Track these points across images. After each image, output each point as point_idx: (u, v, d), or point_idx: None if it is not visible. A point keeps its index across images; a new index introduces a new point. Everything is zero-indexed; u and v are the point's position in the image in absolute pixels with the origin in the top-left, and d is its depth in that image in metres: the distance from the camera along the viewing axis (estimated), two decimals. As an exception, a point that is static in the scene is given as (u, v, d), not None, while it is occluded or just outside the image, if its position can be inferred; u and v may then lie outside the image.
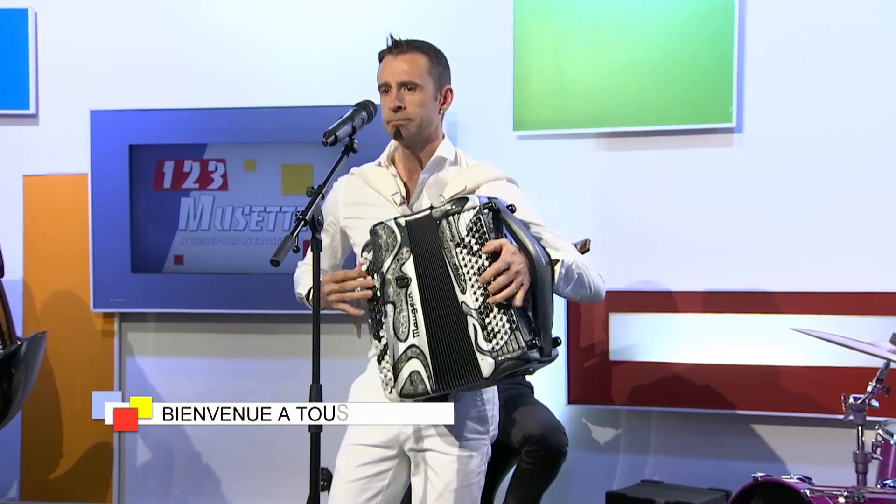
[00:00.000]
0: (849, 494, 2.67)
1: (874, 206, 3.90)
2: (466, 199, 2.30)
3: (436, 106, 2.51)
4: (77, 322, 4.48)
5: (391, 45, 2.50)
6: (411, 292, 2.34)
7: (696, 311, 4.03)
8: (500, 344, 2.24)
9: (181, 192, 4.35)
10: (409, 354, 2.34)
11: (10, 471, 4.54)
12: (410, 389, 2.34)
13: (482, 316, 2.26)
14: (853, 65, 3.92)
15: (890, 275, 3.85)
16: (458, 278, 2.29)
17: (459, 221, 2.29)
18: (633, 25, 4.08)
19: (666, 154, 4.12)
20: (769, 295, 3.95)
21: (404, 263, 2.35)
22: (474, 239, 2.27)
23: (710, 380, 3.98)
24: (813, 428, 3.92)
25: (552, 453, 3.55)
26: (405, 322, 2.35)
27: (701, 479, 3.94)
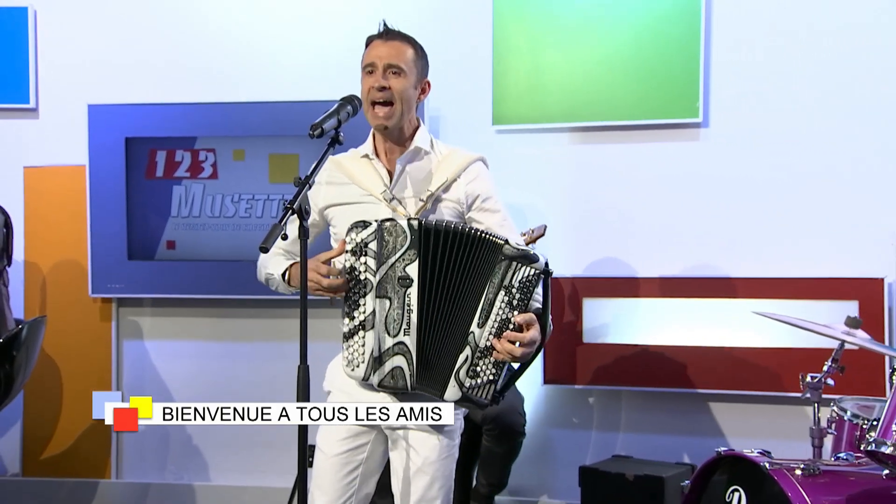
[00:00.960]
0: (805, 467, 2.67)
1: (830, 198, 3.93)
2: (537, 257, 2.30)
3: (415, 95, 2.52)
4: (76, 306, 4.46)
5: (382, 31, 2.51)
6: (410, 293, 2.35)
7: (664, 296, 4.05)
8: (475, 386, 2.32)
9: (173, 180, 4.33)
10: (396, 350, 2.36)
11: (12, 448, 4.53)
12: (390, 383, 2.37)
13: (479, 356, 2.31)
14: (814, 65, 3.95)
15: (845, 262, 3.88)
16: (484, 312, 2.31)
17: (520, 271, 2.29)
18: (606, 25, 4.09)
19: (636, 147, 4.13)
20: (733, 281, 3.97)
21: (409, 264, 2.35)
22: (520, 293, 2.29)
23: (678, 361, 4.00)
24: (772, 405, 3.95)
25: (507, 432, 3.60)
26: (397, 319, 2.36)
27: (668, 454, 3.98)
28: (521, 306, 2.29)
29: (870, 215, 3.89)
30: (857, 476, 2.78)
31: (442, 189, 2.50)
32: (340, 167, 2.56)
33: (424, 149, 2.54)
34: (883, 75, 3.88)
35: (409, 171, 2.52)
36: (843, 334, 3.07)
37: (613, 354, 4.08)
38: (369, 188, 2.51)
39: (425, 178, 2.51)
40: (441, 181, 2.49)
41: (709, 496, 2.94)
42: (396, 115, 2.47)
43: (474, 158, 2.55)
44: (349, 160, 2.57)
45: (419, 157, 2.54)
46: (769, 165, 4.00)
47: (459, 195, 2.51)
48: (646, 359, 4.04)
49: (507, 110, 4.18)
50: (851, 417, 3.07)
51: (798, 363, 3.56)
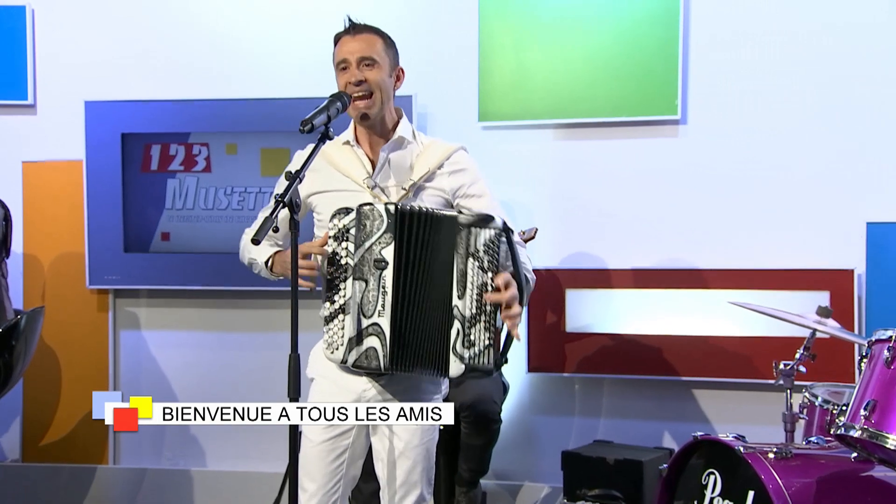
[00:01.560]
0: (778, 450, 2.70)
1: (803, 192, 3.95)
2: (492, 218, 2.30)
3: (391, 83, 2.52)
4: (74, 297, 4.45)
5: (348, 27, 2.50)
6: (385, 275, 2.33)
7: (644, 287, 4.06)
8: (475, 354, 2.28)
9: (167, 173, 4.33)
10: (370, 331, 2.34)
11: (12, 435, 4.52)
12: (364, 363, 2.35)
13: (469, 325, 2.28)
14: (788, 65, 3.96)
15: (816, 254, 3.90)
16: (460, 284, 2.29)
17: (480, 236, 2.28)
18: (588, 25, 4.09)
19: (617, 143, 4.14)
20: (710, 272, 3.98)
21: (385, 247, 2.33)
22: (487, 256, 2.27)
23: (657, 349, 4.02)
24: (747, 392, 3.97)
25: (481, 420, 3.58)
26: (372, 301, 2.34)
27: (647, 438, 4.00)
28: (493, 268, 2.28)
29: (840, 209, 3.91)
30: (828, 459, 2.81)
31: (425, 178, 2.49)
32: (324, 155, 2.54)
33: (407, 138, 2.53)
34: (853, 75, 3.90)
35: (391, 160, 2.52)
36: (815, 323, 3.10)
37: (595, 343, 4.09)
38: (352, 176, 2.50)
39: (408, 167, 2.51)
40: (423, 171, 2.49)
41: (686, 479, 2.96)
42: (377, 105, 2.47)
43: (455, 148, 2.55)
44: (333, 148, 2.55)
45: (402, 146, 2.53)
46: (744, 161, 4.01)
47: (443, 185, 2.50)
48: (626, 347, 4.05)
49: (493, 107, 4.18)
50: (822, 403, 3.10)
51: (771, 351, 3.59)
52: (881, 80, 3.89)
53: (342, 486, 2.50)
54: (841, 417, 2.64)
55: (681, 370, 4.00)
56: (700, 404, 4.07)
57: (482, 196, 2.51)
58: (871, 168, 3.90)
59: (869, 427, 2.51)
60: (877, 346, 2.63)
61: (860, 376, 2.66)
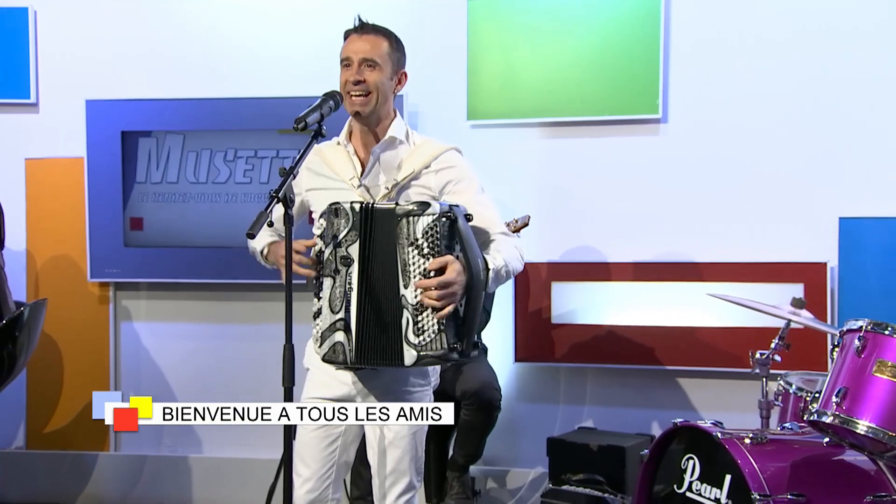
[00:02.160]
0: (753, 436, 2.71)
1: (778, 188, 3.97)
2: (429, 204, 2.26)
3: (391, 86, 2.50)
4: (75, 290, 4.44)
5: (358, 25, 2.49)
6: (351, 272, 2.32)
7: (626, 280, 4.06)
8: (427, 341, 2.24)
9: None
10: (337, 326, 2.33)
11: (16, 422, 4.52)
12: (332, 356, 2.35)
13: (417, 312, 2.25)
14: (763, 66, 3.98)
15: (791, 248, 3.92)
16: (405, 273, 2.26)
17: (418, 223, 2.24)
18: (573, 27, 4.10)
19: (601, 141, 4.14)
20: (689, 265, 4.00)
21: (350, 245, 2.32)
22: (427, 242, 2.24)
23: (638, 339, 4.03)
24: (724, 380, 3.99)
25: (485, 406, 3.59)
26: (340, 297, 2.32)
27: (629, 425, 4.01)
28: (434, 254, 2.24)
29: (814, 204, 3.92)
30: (801, 444, 2.83)
31: (410, 178, 2.47)
32: (320, 153, 2.55)
33: (399, 139, 2.51)
34: (827, 77, 3.92)
35: (382, 160, 2.50)
36: (789, 314, 3.12)
37: (580, 334, 4.10)
38: (341, 175, 2.50)
39: (396, 167, 2.50)
40: (409, 171, 2.47)
41: (666, 464, 2.98)
42: (372, 104, 2.45)
43: (447, 148, 2.52)
44: (328, 148, 2.56)
45: (393, 146, 2.51)
46: (722, 158, 4.02)
47: (430, 183, 2.48)
48: (609, 338, 4.06)
49: (481, 106, 4.19)
50: (796, 391, 3.12)
51: (748, 341, 3.59)
52: (854, 82, 3.91)
53: (335, 471, 2.51)
54: (814, 404, 2.67)
55: (661, 360, 4.01)
56: (679, 392, 4.08)
57: (466, 192, 2.47)
58: (843, 165, 3.92)
59: (840, 413, 2.55)
60: (848, 336, 2.66)
61: (832, 365, 2.70)
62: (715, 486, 2.74)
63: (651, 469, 3.00)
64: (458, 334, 2.28)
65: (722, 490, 2.70)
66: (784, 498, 2.55)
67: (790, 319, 3.11)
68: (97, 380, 4.46)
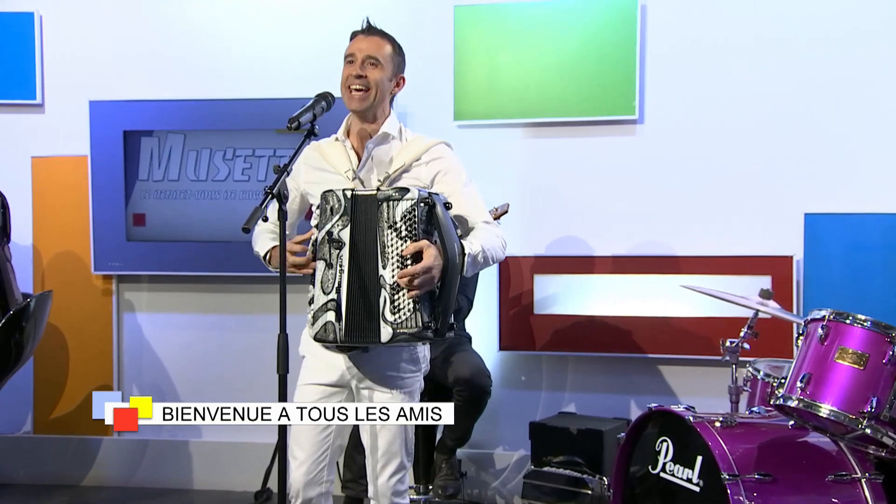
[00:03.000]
0: (723, 419, 2.73)
1: (748, 185, 3.98)
2: (408, 190, 2.28)
3: (390, 87, 2.53)
4: (80, 283, 4.42)
5: (365, 27, 2.53)
6: (342, 255, 2.33)
7: (604, 273, 4.07)
8: (402, 319, 2.26)
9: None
10: (328, 307, 2.33)
11: (24, 408, 4.50)
12: (323, 335, 2.36)
13: (393, 292, 2.26)
14: (734, 72, 3.99)
15: (759, 242, 3.93)
16: (383, 255, 2.28)
17: (397, 207, 2.27)
18: (554, 33, 4.09)
19: (581, 141, 4.14)
20: (664, 258, 4.00)
21: (342, 229, 2.33)
22: (405, 226, 2.26)
23: (616, 329, 4.03)
24: (696, 367, 3.99)
25: (477, 393, 3.57)
26: (331, 279, 2.34)
27: (607, 410, 4.02)
28: (412, 237, 2.26)
29: (781, 201, 3.93)
30: (768, 427, 2.84)
31: (401, 171, 2.49)
32: (318, 149, 2.57)
33: (392, 134, 2.53)
34: (793, 82, 3.94)
35: (375, 154, 2.52)
36: (758, 304, 3.12)
37: (560, 324, 4.10)
38: (338, 168, 2.52)
39: (388, 161, 2.51)
40: (400, 164, 2.49)
41: (641, 446, 2.99)
42: (370, 100, 2.47)
43: (437, 142, 2.54)
44: (326, 144, 2.58)
45: (386, 141, 2.53)
46: (696, 157, 4.03)
47: (421, 174, 2.50)
48: (588, 327, 4.06)
49: (467, 107, 4.18)
50: (764, 377, 3.14)
51: (719, 330, 3.59)
52: (818, 87, 3.92)
53: (329, 454, 2.51)
54: (780, 389, 2.69)
55: (637, 348, 4.02)
56: (654, 379, 4.09)
57: (453, 183, 2.49)
58: (808, 165, 3.94)
59: (804, 398, 2.57)
60: (812, 325, 2.68)
61: (797, 352, 2.71)
62: (687, 467, 2.75)
63: (627, 451, 3.01)
64: (433, 314, 2.30)
65: (693, 471, 2.71)
66: (751, 477, 2.57)
67: (758, 310, 3.12)
68: (101, 368, 4.45)
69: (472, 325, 4.02)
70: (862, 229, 3.84)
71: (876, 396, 2.48)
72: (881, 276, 3.81)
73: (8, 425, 4.52)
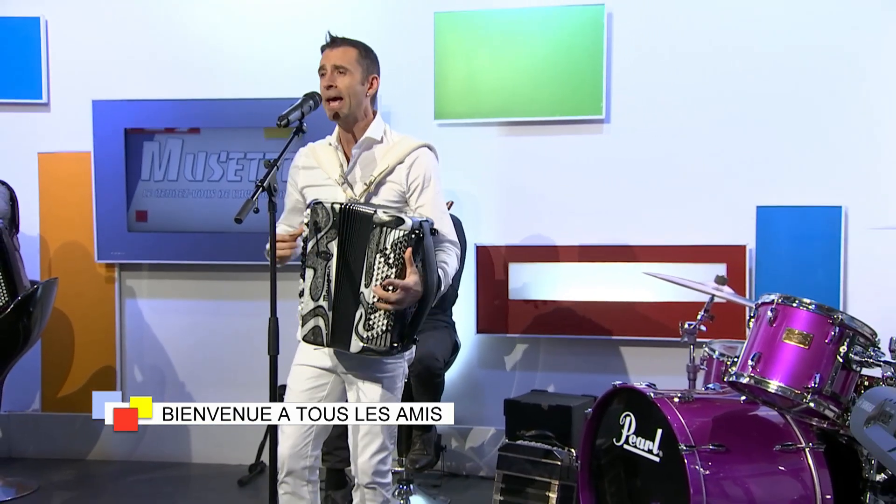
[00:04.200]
0: (681, 395, 2.75)
1: (705, 180, 3.99)
2: (403, 220, 2.24)
3: (363, 90, 2.49)
4: (84, 271, 4.39)
5: (329, 41, 2.50)
6: (329, 266, 2.32)
7: (573, 261, 4.08)
8: (373, 337, 2.26)
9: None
10: (317, 312, 2.35)
11: (33, 387, 4.47)
12: (311, 338, 2.37)
13: (370, 311, 2.26)
14: (693, 76, 4.01)
15: (715, 232, 3.96)
16: (368, 274, 2.26)
17: (390, 235, 2.24)
18: (528, 39, 4.09)
19: (552, 139, 4.14)
20: (628, 248, 4.02)
21: (330, 241, 2.32)
22: (394, 253, 2.24)
23: (584, 313, 4.05)
24: (657, 348, 4.02)
25: (424, 374, 3.50)
26: (320, 287, 2.34)
27: (576, 388, 4.03)
28: (398, 265, 2.24)
29: (735, 195, 3.96)
30: (722, 402, 2.86)
31: (385, 173, 2.46)
32: (313, 152, 2.55)
33: (376, 139, 2.51)
34: (744, 87, 3.96)
35: (361, 158, 2.50)
36: (713, 290, 3.14)
37: (533, 309, 4.11)
38: (328, 172, 2.50)
39: (373, 164, 2.49)
40: (384, 167, 2.47)
41: (607, 421, 2.99)
42: (346, 107, 2.45)
43: (418, 145, 2.51)
44: (320, 147, 2.55)
45: (370, 146, 2.51)
46: (658, 154, 4.05)
47: (402, 178, 2.48)
48: (559, 312, 4.07)
49: (447, 107, 4.17)
50: (719, 356, 3.16)
51: (678, 313, 3.59)
52: (767, 94, 3.95)
53: (315, 430, 2.50)
54: (733, 368, 2.70)
55: (603, 330, 4.03)
56: (619, 359, 4.11)
57: (427, 196, 2.47)
58: (760, 162, 3.96)
59: (755, 375, 2.58)
60: (762, 308, 2.70)
61: (749, 333, 2.72)
62: (648, 440, 2.75)
63: (594, 425, 3.02)
64: (402, 336, 2.31)
65: (654, 442, 2.72)
66: (706, 448, 2.58)
67: (714, 294, 3.14)
68: (104, 350, 4.43)
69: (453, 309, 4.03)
70: (807, 220, 3.86)
71: (819, 373, 2.50)
72: (824, 263, 3.85)
73: (18, 403, 4.48)
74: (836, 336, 2.52)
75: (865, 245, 3.85)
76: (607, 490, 2.94)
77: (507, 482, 3.19)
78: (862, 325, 2.55)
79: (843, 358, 2.50)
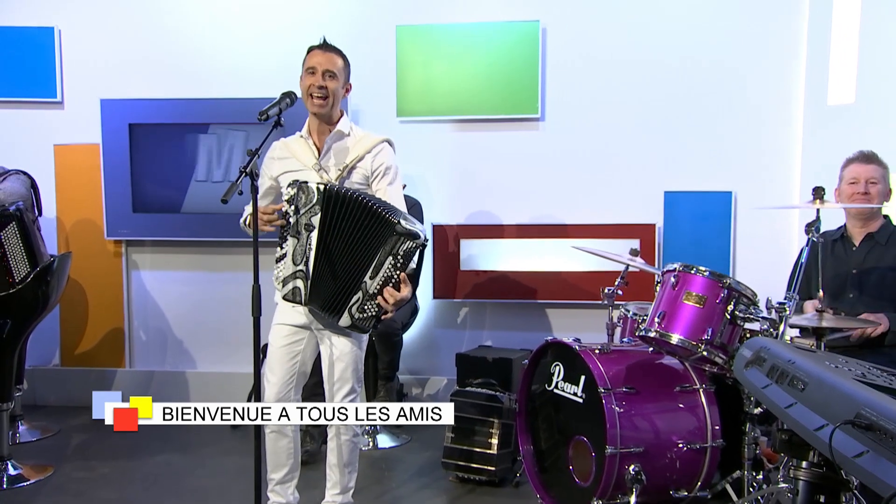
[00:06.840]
0: (601, 348, 2.76)
1: (623, 170, 4.03)
2: (419, 235, 2.23)
3: (342, 93, 2.49)
4: (95, 246, 4.30)
5: (322, 44, 2.47)
6: (311, 236, 2.31)
7: (514, 237, 4.09)
8: (362, 319, 2.27)
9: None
10: (297, 275, 2.34)
11: (52, 345, 4.39)
12: (291, 297, 2.36)
13: (368, 299, 2.26)
14: (616, 81, 4.02)
15: (631, 213, 4.00)
16: (375, 269, 2.25)
17: (405, 244, 2.22)
18: (476, 48, 4.07)
19: (496, 134, 4.14)
20: (559, 226, 4.04)
21: (314, 216, 2.31)
22: (402, 259, 2.23)
23: (523, 281, 4.07)
24: (583, 309, 4.07)
25: (383, 333, 3.52)
26: (301, 253, 2.33)
27: (516, 343, 4.06)
28: (403, 268, 2.25)
29: (648, 182, 4.00)
30: (634, 353, 2.86)
31: (356, 161, 2.46)
32: (287, 146, 2.53)
33: (345, 132, 2.51)
34: (657, 91, 3.99)
35: (333, 148, 2.49)
36: (628, 260, 3.17)
37: (481, 278, 4.12)
38: (304, 161, 2.48)
39: (344, 153, 2.48)
40: (355, 156, 2.47)
41: (540, 370, 3.00)
42: (329, 105, 2.44)
43: (382, 140, 2.52)
44: (292, 141, 2.53)
45: (341, 138, 2.50)
46: (585, 147, 4.07)
47: (367, 166, 2.48)
48: (503, 280, 4.10)
49: (407, 107, 4.14)
50: (633, 315, 3.17)
51: (599, 280, 3.65)
52: (675, 96, 3.98)
53: (296, 378, 2.50)
54: (643, 325, 2.72)
55: (539, 295, 4.06)
56: (551, 319, 4.15)
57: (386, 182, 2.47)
58: (667, 155, 4.01)
59: (660, 330, 2.61)
60: (667, 275, 2.72)
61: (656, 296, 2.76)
62: (574, 384, 2.77)
63: (530, 374, 3.02)
64: (378, 322, 2.32)
65: (578, 387, 2.74)
66: (620, 390, 2.61)
67: (629, 264, 3.16)
68: (114, 314, 4.35)
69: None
70: (705, 203, 3.92)
71: (711, 328, 2.54)
72: (718, 238, 3.91)
73: (40, 359, 4.39)
74: (725, 297, 2.55)
75: (750, 223, 3.93)
76: (540, 427, 2.96)
77: (458, 422, 3.20)
78: (745, 288, 2.59)
79: (730, 315, 2.54)
